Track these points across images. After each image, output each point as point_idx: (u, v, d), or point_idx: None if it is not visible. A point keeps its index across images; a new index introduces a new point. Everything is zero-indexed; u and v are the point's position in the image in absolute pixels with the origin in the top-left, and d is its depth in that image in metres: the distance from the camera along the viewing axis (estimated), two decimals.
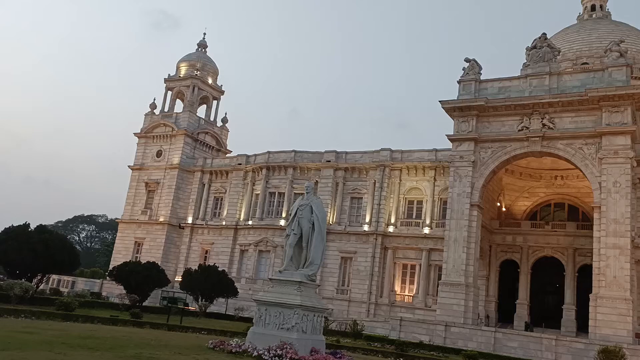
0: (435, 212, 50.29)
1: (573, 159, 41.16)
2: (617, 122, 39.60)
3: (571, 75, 44.23)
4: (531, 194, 53.05)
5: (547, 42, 45.11)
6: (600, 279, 37.55)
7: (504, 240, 51.18)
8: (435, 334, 39.16)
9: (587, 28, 70.55)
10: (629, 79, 40.76)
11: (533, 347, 36.07)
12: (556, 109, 42.10)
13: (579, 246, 47.05)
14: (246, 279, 56.44)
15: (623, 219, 37.80)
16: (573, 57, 65.34)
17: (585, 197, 46.66)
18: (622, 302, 36.34)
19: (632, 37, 65.60)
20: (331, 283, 52.82)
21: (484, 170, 44.25)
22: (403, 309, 48.63)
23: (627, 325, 35.85)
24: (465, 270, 42.29)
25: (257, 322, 16.46)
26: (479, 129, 44.93)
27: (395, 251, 51.31)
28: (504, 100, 43.92)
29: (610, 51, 42.05)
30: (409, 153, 53.14)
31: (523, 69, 45.08)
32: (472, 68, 46.77)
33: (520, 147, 43.29)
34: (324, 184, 55.68)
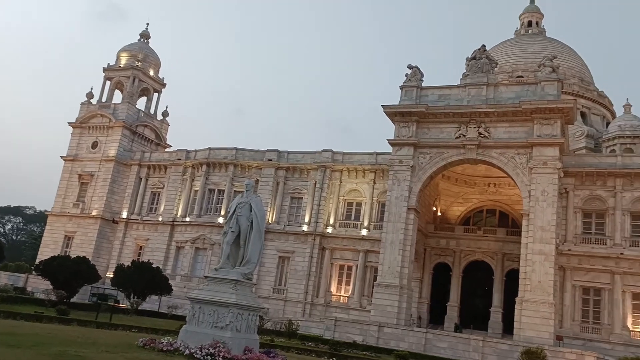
0: (373, 214, 51.06)
1: (505, 167, 42.82)
2: (547, 134, 41.52)
3: (507, 87, 45.99)
4: (465, 199, 54.81)
5: (485, 53, 46.75)
6: (526, 283, 39.26)
7: (438, 244, 52.62)
8: (369, 334, 39.75)
9: (524, 43, 73.77)
10: (559, 94, 42.83)
11: (461, 348, 37.26)
12: (492, 118, 43.68)
13: (507, 251, 49.00)
14: (181, 276, 55.38)
15: (549, 226, 39.68)
16: (509, 70, 68.17)
17: (516, 205, 48.66)
18: (546, 305, 38.14)
19: (564, 54, 69.13)
20: (268, 282, 52.65)
21: (422, 175, 45.33)
22: (338, 309, 49.10)
23: (549, 327, 37.66)
24: (400, 272, 43.18)
25: (190, 320, 16.17)
26: (418, 134, 45.99)
27: (333, 252, 51.76)
28: (444, 107, 45.17)
29: (544, 66, 44.05)
30: (350, 155, 53.73)
31: (462, 78, 46.51)
32: (415, 75, 47.83)
33: (457, 154, 44.63)
34: (264, 183, 55.44)
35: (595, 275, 41.72)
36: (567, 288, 42.00)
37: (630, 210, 41.96)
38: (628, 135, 56.95)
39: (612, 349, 38.66)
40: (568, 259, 42.25)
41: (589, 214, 43.40)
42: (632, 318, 40.28)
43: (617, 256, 40.91)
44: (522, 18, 79.38)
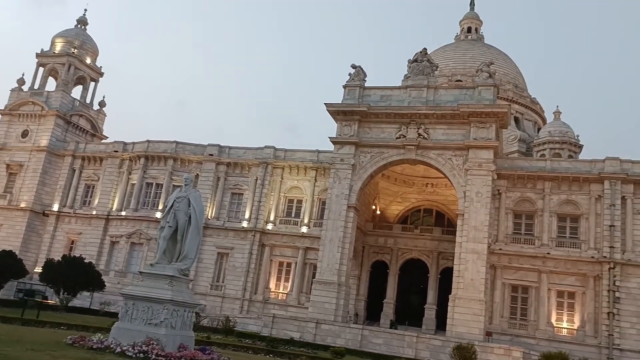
0: (314, 211, 51.29)
1: (443, 168, 44.03)
2: (483, 137, 42.99)
3: (446, 90, 47.27)
4: (404, 199, 55.98)
5: (427, 57, 47.86)
6: (459, 281, 40.56)
7: (376, 242, 53.51)
8: (306, 330, 39.96)
9: (463, 48, 76.06)
10: (495, 98, 44.45)
11: (396, 344, 38.08)
12: (431, 120, 44.78)
13: (443, 250, 50.43)
14: (115, 272, 53.75)
15: (482, 226, 41.14)
16: (449, 74, 70.10)
17: (452, 205, 50.12)
18: (477, 303, 39.54)
19: (500, 60, 71.76)
20: (206, 279, 51.93)
21: (363, 173, 45.93)
22: (277, 306, 49.07)
23: (479, 324, 39.08)
24: (338, 270, 43.61)
25: (122, 317, 15.75)
26: (360, 133, 46.56)
27: (273, 249, 51.64)
28: (385, 108, 45.92)
29: (481, 71, 45.58)
30: (292, 152, 53.73)
31: (404, 80, 47.43)
32: (358, 74, 48.36)
33: (397, 154, 45.49)
34: (204, 178, 54.59)
35: (523, 274, 43.59)
36: (497, 286, 43.68)
37: (557, 212, 44.09)
38: (557, 141, 59.76)
39: (537, 344, 40.56)
40: (499, 258, 43.94)
41: (520, 215, 45.29)
42: (556, 315, 42.39)
43: (544, 256, 42.90)
44: (462, 24, 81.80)
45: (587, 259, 42.00)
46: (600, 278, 41.29)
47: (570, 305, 42.31)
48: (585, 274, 41.98)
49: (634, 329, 39.75)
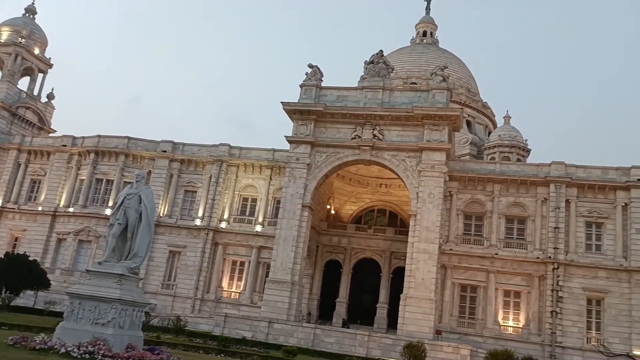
0: (268, 210, 51.08)
1: (397, 169, 44.66)
2: (436, 140, 43.85)
3: (401, 92, 47.96)
4: (358, 199, 56.47)
5: (383, 58, 48.41)
6: (410, 280, 41.25)
7: (330, 242, 53.79)
8: (259, 330, 39.79)
9: (418, 51, 77.36)
10: (448, 102, 45.39)
11: (348, 343, 38.40)
12: (386, 121, 45.35)
13: (395, 250, 51.15)
14: (62, 270, 52.05)
15: (434, 227, 41.95)
16: (404, 76, 71.15)
17: (405, 205, 50.88)
18: (427, 302, 40.30)
19: (454, 64, 73.34)
20: (157, 277, 50.94)
21: (318, 173, 46.08)
22: (229, 305, 48.63)
23: (429, 322, 39.85)
24: (292, 269, 43.62)
25: (68, 316, 15.28)
26: (316, 133, 46.69)
27: (226, 247, 51.13)
28: (341, 108, 46.20)
29: (435, 75, 46.46)
30: (247, 150, 53.33)
31: (360, 81, 47.85)
32: (315, 74, 48.49)
33: (352, 154, 45.85)
34: (157, 175, 53.52)
35: (472, 274, 44.69)
36: (447, 285, 44.62)
37: (505, 213, 45.41)
38: (507, 145, 61.58)
39: (485, 342, 41.67)
40: (449, 258, 44.90)
41: (470, 216, 46.40)
42: (502, 313, 43.66)
43: (492, 256, 44.11)
44: (418, 28, 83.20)
45: (532, 259, 43.44)
46: (545, 278, 42.78)
47: (516, 304, 43.65)
48: (530, 274, 43.39)
49: (575, 327, 41.36)
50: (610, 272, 41.84)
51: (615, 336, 40.50)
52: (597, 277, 42.04)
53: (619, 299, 41.09)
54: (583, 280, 42.15)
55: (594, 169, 44.81)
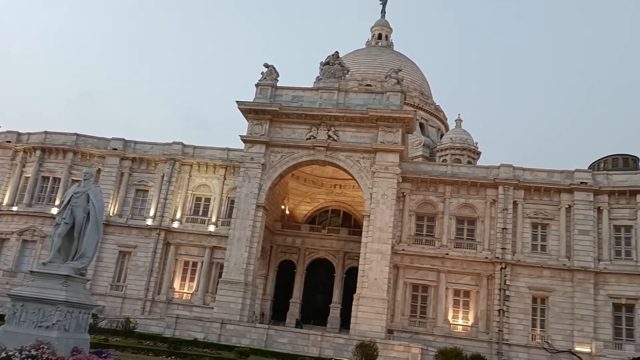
0: (222, 210, 50.54)
1: (351, 170, 45.03)
2: (389, 141, 44.45)
3: (356, 94, 48.37)
4: (312, 199, 56.63)
5: (338, 60, 48.73)
6: (363, 280, 41.66)
7: (284, 242, 53.71)
8: (211, 331, 39.34)
9: (373, 54, 78.27)
10: (402, 104, 46.09)
11: (301, 343, 38.45)
12: (341, 122, 45.66)
13: (349, 250, 51.55)
14: (4, 271, 49.99)
15: (387, 227, 42.51)
16: (359, 78, 71.85)
17: (359, 206, 51.34)
18: (380, 301, 40.80)
19: (408, 68, 74.56)
20: (106, 278, 49.58)
21: (273, 173, 45.95)
22: (181, 307, 47.87)
23: (381, 322, 40.33)
24: (245, 269, 43.34)
25: (9, 319, 14.67)
26: (271, 133, 46.55)
27: (178, 247, 50.30)
28: (297, 108, 46.24)
29: (390, 77, 47.12)
30: (201, 149, 52.61)
31: (316, 81, 48.01)
32: (270, 74, 48.35)
33: (307, 155, 45.94)
34: (107, 173, 52.11)
35: (424, 274, 45.49)
36: (399, 285, 45.26)
37: (456, 214, 46.43)
38: (458, 147, 63.05)
39: (435, 340, 42.49)
40: (402, 258, 45.56)
41: (422, 217, 47.21)
42: (452, 312, 44.62)
43: (443, 256, 45.03)
44: (373, 30, 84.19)
45: (481, 259, 44.58)
46: (493, 277, 43.98)
47: (466, 303, 44.70)
48: (479, 273, 44.53)
49: (521, 324, 42.69)
50: (555, 271, 43.38)
51: (559, 333, 42.02)
52: (542, 277, 43.51)
53: (562, 297, 42.66)
54: (529, 279, 43.55)
55: (540, 172, 46.37)
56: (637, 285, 41.34)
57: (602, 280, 42.35)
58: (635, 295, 41.14)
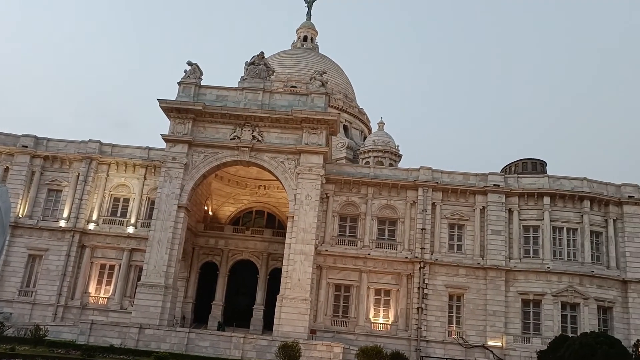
0: (142, 211, 48.94)
1: (275, 171, 45.00)
2: (314, 143, 44.82)
3: (281, 95, 48.39)
4: (236, 200, 56.06)
5: (264, 60, 48.57)
6: (287, 281, 41.73)
7: (207, 243, 52.81)
8: (129, 336, 38.01)
9: (299, 56, 78.69)
10: (326, 106, 46.63)
11: (223, 346, 37.94)
12: (266, 123, 45.54)
13: (272, 251, 51.46)
14: None
15: (310, 228, 42.83)
16: (285, 79, 71.97)
17: (283, 207, 51.37)
18: (303, 302, 41.02)
19: (332, 70, 75.55)
20: (13, 284, 46.59)
21: (195, 173, 45.09)
22: (96, 312, 45.86)
23: (304, 322, 40.57)
24: (166, 272, 42.25)
25: None
26: (194, 132, 45.67)
27: (94, 250, 48.17)
28: (221, 108, 45.62)
29: (315, 79, 47.54)
30: (120, 148, 50.67)
31: (241, 81, 47.61)
32: (194, 72, 47.45)
33: (231, 155, 45.44)
34: (16, 172, 49.06)
35: (347, 274, 46.18)
36: (322, 285, 45.69)
37: (378, 215, 47.50)
38: (380, 150, 64.57)
39: (356, 339, 43.25)
40: (325, 259, 46.02)
41: (345, 218, 47.92)
42: (373, 311, 45.57)
43: (365, 256, 45.93)
44: (299, 32, 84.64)
45: (401, 259, 45.87)
46: (412, 276, 45.36)
47: (386, 302, 45.81)
48: (399, 273, 45.79)
49: (438, 321, 44.31)
50: (469, 269, 45.37)
51: (473, 329, 43.99)
52: (458, 275, 45.37)
53: (476, 294, 44.70)
54: (446, 277, 45.29)
55: (457, 175, 48.35)
56: (544, 282, 44.02)
57: (512, 277, 44.77)
58: (542, 292, 43.78)
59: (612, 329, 43.12)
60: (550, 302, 43.42)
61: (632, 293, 44.23)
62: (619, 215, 46.06)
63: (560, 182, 46.30)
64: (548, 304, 43.44)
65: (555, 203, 45.58)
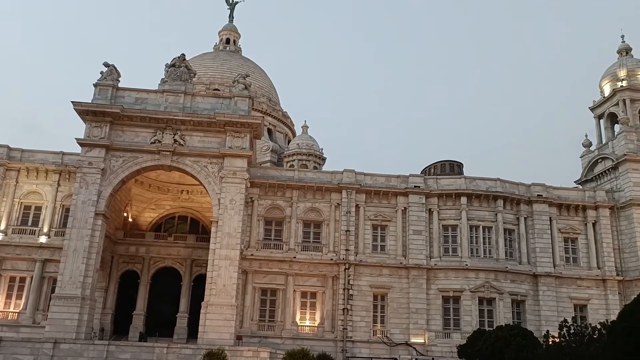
0: (55, 219, 46.43)
1: (198, 175, 44.11)
2: (237, 146, 44.37)
3: (204, 98, 47.56)
4: (158, 205, 54.47)
5: (185, 62, 47.54)
6: (212, 287, 40.97)
7: (127, 251, 50.94)
8: (42, 352, 35.93)
9: (221, 58, 77.70)
10: (250, 110, 46.31)
11: (145, 357, 36.66)
12: (188, 127, 44.56)
13: (197, 257, 50.39)
14: None
15: (235, 232, 42.31)
16: (207, 82, 70.84)
17: (206, 212, 50.43)
18: (229, 308, 40.42)
19: (256, 74, 75.17)
20: None
21: (114, 179, 43.38)
22: (5, 328, 42.91)
23: (230, 329, 39.98)
24: (83, 282, 40.29)
25: None
26: (112, 136, 43.94)
27: (2, 262, 45.12)
28: (140, 111, 44.17)
29: (238, 82, 47.11)
30: (30, 153, 47.80)
31: (161, 84, 46.35)
32: (111, 73, 45.68)
33: (151, 160, 44.08)
34: None
35: (272, 278, 46.00)
36: (248, 290, 45.25)
37: (303, 218, 47.70)
38: (304, 153, 64.92)
39: (283, 343, 43.16)
40: (250, 263, 45.64)
41: (270, 221, 47.75)
42: (300, 314, 45.66)
43: (291, 260, 45.98)
44: (221, 35, 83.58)
45: (327, 261, 46.30)
46: (338, 278, 45.89)
47: (313, 305, 46.04)
48: (325, 275, 46.19)
49: (363, 321, 45.08)
50: (393, 269, 46.51)
51: (397, 327, 45.11)
52: (381, 275, 46.39)
53: (400, 293, 45.89)
54: (370, 278, 46.18)
55: (379, 177, 49.48)
56: (462, 278, 45.88)
57: (433, 275, 46.35)
58: (461, 288, 45.60)
59: (525, 321, 45.60)
60: (469, 297, 45.30)
61: (542, 286, 47.03)
62: (529, 213, 48.84)
63: (476, 182, 48.49)
64: (466, 299, 45.30)
65: (472, 203, 47.66)
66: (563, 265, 48.32)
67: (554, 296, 46.87)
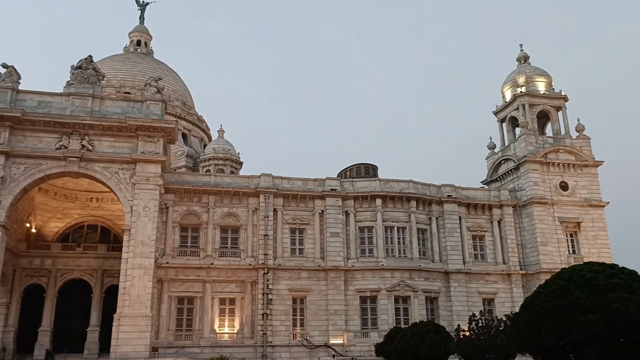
0: None
1: (109, 182, 42.30)
2: (150, 151, 42.98)
3: (113, 101, 45.69)
4: (65, 214, 51.72)
5: (92, 64, 45.47)
6: (125, 298, 39.37)
7: (31, 264, 47.97)
8: None
9: (132, 60, 75.06)
10: (163, 114, 45.01)
11: None
12: (96, 131, 42.64)
13: (108, 267, 48.31)
14: None
15: (149, 240, 40.93)
16: (117, 85, 68.15)
17: (118, 220, 48.48)
18: (143, 319, 38.97)
19: (169, 77, 73.34)
20: None
21: (15, 187, 40.66)
22: None
23: (145, 340, 38.55)
24: None
25: None
26: (12, 142, 41.17)
27: None
28: (44, 115, 41.74)
29: (150, 86, 45.67)
30: None
31: (67, 87, 44.05)
32: (10, 75, 42.83)
33: (57, 166, 41.77)
34: None
35: (189, 285, 44.94)
36: (164, 299, 43.93)
37: (220, 224, 47.01)
38: (221, 157, 63.95)
39: (202, 352, 42.25)
40: (166, 272, 44.36)
41: (186, 228, 46.67)
42: (218, 321, 44.91)
43: (209, 266, 45.17)
44: (132, 36, 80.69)
45: (245, 266, 45.91)
46: (257, 283, 45.63)
47: (232, 311, 45.44)
48: (244, 280, 45.77)
49: (282, 325, 45.09)
50: (311, 272, 46.90)
51: (316, 329, 45.50)
52: (300, 278, 46.65)
53: (319, 295, 46.34)
54: (289, 281, 46.29)
55: (297, 180, 49.76)
56: (379, 278, 47.06)
57: (351, 276, 47.21)
58: (377, 288, 46.75)
59: (438, 317, 47.49)
60: (385, 297, 46.53)
61: (453, 282, 49.21)
62: (440, 213, 50.96)
63: (390, 184, 49.94)
64: (383, 299, 46.50)
65: (386, 204, 49.02)
66: (472, 262, 50.79)
67: (464, 292, 49.16)
